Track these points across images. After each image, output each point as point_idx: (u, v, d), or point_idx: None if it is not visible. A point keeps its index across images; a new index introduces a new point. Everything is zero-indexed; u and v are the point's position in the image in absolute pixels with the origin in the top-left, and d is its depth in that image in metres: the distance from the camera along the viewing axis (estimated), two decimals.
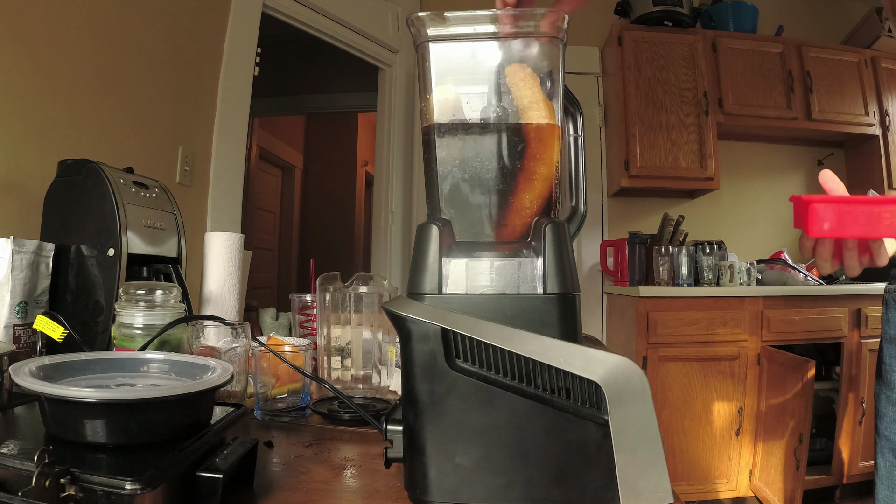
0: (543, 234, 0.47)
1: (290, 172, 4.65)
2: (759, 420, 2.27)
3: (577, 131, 0.61)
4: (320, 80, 3.83)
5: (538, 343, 0.45)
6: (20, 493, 0.36)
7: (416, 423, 0.47)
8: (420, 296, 0.48)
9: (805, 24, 2.99)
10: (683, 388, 2.27)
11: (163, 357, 0.61)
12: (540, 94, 0.51)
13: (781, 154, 2.99)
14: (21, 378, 0.46)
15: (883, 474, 0.70)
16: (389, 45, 2.73)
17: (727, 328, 2.29)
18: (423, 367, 0.47)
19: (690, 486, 2.25)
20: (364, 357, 0.96)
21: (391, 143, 2.79)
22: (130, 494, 0.38)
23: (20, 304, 0.81)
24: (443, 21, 0.51)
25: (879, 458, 0.71)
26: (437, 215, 0.52)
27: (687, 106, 2.63)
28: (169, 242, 1.01)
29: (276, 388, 0.78)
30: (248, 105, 2.04)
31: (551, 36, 0.51)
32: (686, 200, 2.90)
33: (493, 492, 0.46)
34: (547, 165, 0.51)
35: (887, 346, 0.73)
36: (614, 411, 0.43)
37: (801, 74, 2.69)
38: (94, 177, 0.92)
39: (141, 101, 1.57)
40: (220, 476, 0.43)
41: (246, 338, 0.76)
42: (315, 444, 0.67)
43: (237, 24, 1.99)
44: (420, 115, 0.53)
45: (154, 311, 0.73)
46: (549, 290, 0.47)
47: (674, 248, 2.47)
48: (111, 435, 0.44)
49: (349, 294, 0.96)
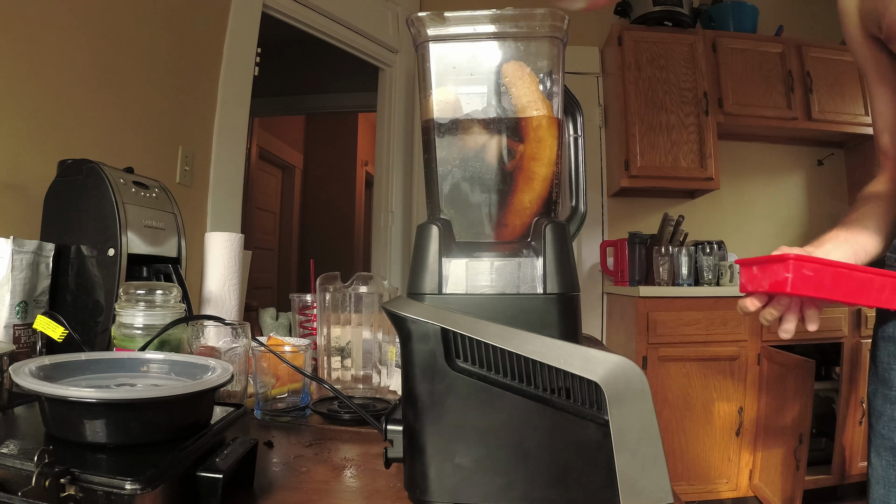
0: (543, 234, 0.47)
1: (290, 172, 4.65)
2: (759, 420, 2.27)
3: (577, 131, 0.61)
4: (320, 80, 3.83)
5: (538, 343, 0.45)
6: (20, 493, 0.36)
7: (416, 423, 0.47)
8: (420, 296, 0.48)
9: (805, 24, 2.99)
10: (683, 388, 2.27)
11: (163, 357, 0.61)
12: (538, 93, 0.51)
13: (781, 154, 2.99)
14: (21, 378, 0.46)
15: (879, 473, 0.70)
16: (389, 45, 2.73)
17: (727, 328, 2.29)
18: (423, 367, 0.47)
19: (690, 486, 2.25)
20: (364, 357, 0.96)
21: (391, 143, 2.79)
22: (130, 494, 0.38)
23: (20, 304, 0.81)
24: (443, 21, 0.51)
25: (874, 457, 0.71)
26: (437, 215, 0.52)
27: (687, 106, 2.63)
28: (169, 242, 1.01)
29: (276, 388, 0.78)
30: (248, 105, 2.04)
31: (551, 36, 0.51)
32: (686, 200, 2.90)
33: (493, 492, 0.46)
34: (547, 165, 0.51)
35: (883, 344, 0.73)
36: (614, 411, 0.43)
37: (801, 74, 2.69)
38: (94, 177, 0.92)
39: (141, 101, 1.57)
40: (220, 476, 0.43)
41: (246, 338, 0.76)
42: (315, 444, 0.67)
43: (237, 24, 1.99)
44: (420, 115, 0.53)
45: (154, 311, 0.73)
46: (549, 290, 0.47)
47: (674, 248, 2.47)
48: (111, 435, 0.44)
49: (349, 294, 0.96)
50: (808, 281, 0.60)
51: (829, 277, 0.61)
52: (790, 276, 0.60)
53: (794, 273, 0.60)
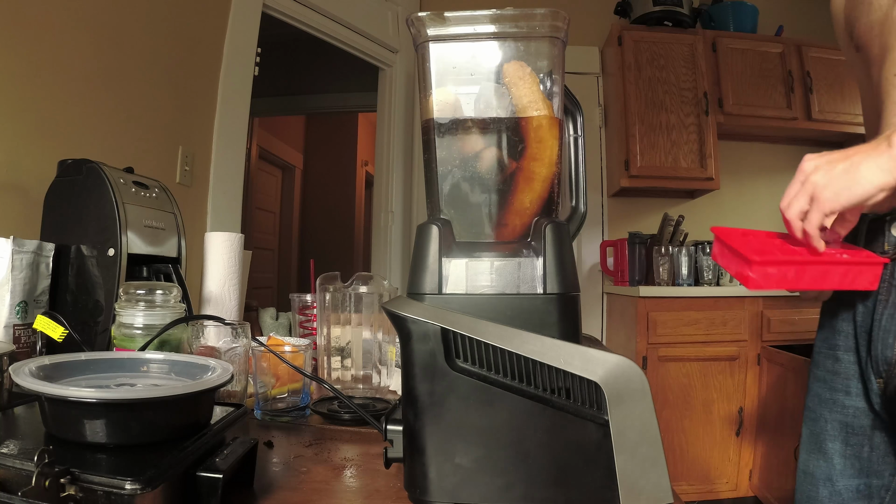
0: (543, 234, 0.47)
1: (290, 172, 4.65)
2: (759, 420, 2.27)
3: (577, 131, 0.61)
4: (320, 80, 3.83)
5: (538, 343, 0.45)
6: (20, 493, 0.36)
7: (416, 423, 0.47)
8: (420, 296, 0.48)
9: (805, 24, 2.99)
10: (683, 388, 2.27)
11: (163, 357, 0.61)
12: (539, 93, 0.51)
13: (781, 154, 2.98)
14: (21, 378, 0.46)
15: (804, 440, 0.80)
16: (389, 45, 2.73)
17: (727, 328, 2.29)
18: (423, 367, 0.47)
19: (690, 486, 2.25)
20: (364, 357, 0.96)
21: (391, 143, 2.79)
22: (130, 494, 0.38)
23: (20, 304, 0.81)
24: (443, 21, 0.51)
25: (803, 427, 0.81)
26: (437, 215, 0.52)
27: (687, 106, 2.63)
28: (169, 242, 1.01)
29: (276, 388, 0.78)
30: (248, 105, 2.04)
31: (551, 36, 0.51)
32: (686, 200, 2.90)
33: (493, 492, 0.46)
34: (547, 165, 0.51)
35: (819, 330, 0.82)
36: (614, 411, 0.43)
37: (801, 74, 2.69)
38: (94, 177, 0.92)
39: (141, 101, 1.57)
40: (220, 476, 0.43)
41: (246, 338, 0.76)
42: (315, 444, 0.67)
43: (237, 24, 1.99)
44: (420, 115, 0.53)
45: (154, 311, 0.73)
46: (549, 290, 0.47)
47: (674, 248, 2.47)
48: (111, 435, 0.44)
49: (349, 294, 0.96)
50: (771, 278, 0.62)
51: (793, 272, 0.63)
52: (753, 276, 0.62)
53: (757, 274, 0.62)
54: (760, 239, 0.69)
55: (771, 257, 0.63)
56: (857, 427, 0.73)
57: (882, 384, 0.70)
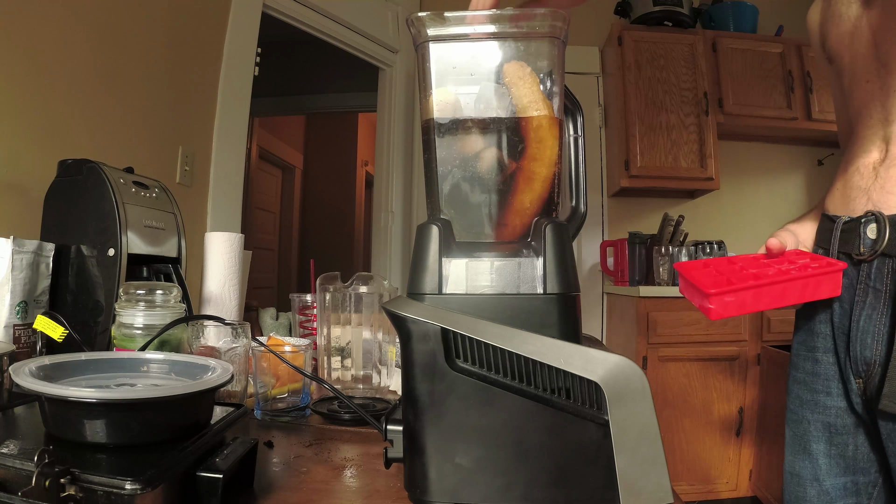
0: (543, 234, 0.47)
1: (290, 172, 4.65)
2: (759, 420, 2.27)
3: (577, 131, 0.61)
4: (320, 80, 3.83)
5: (538, 343, 0.45)
6: (20, 493, 0.36)
7: (416, 423, 0.47)
8: (420, 296, 0.48)
9: (805, 25, 2.99)
10: (683, 388, 2.27)
11: (163, 357, 0.61)
12: (539, 93, 0.51)
13: (781, 154, 2.99)
14: (21, 378, 0.46)
15: (788, 441, 0.81)
16: (389, 45, 2.73)
17: (727, 328, 2.29)
18: (423, 367, 0.47)
19: (690, 486, 2.25)
20: (364, 357, 0.96)
21: (391, 143, 2.79)
22: (130, 494, 0.38)
23: (20, 304, 0.81)
24: (443, 21, 0.51)
25: (786, 429, 0.82)
26: (437, 215, 0.52)
27: (687, 106, 2.63)
28: (169, 242, 1.01)
29: (276, 388, 0.78)
30: (248, 105, 2.04)
31: (551, 36, 0.51)
32: (686, 200, 2.90)
33: (493, 492, 0.46)
34: (547, 165, 0.51)
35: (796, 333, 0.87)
36: (614, 411, 0.43)
37: (801, 74, 2.69)
38: (94, 177, 0.92)
39: (141, 101, 1.57)
40: (220, 476, 0.43)
41: (246, 338, 0.76)
42: (315, 444, 0.67)
43: (237, 24, 1.99)
44: (420, 115, 0.53)
45: (154, 311, 0.73)
46: (549, 290, 0.47)
47: (674, 248, 2.47)
48: (111, 435, 0.44)
49: (349, 294, 0.96)
50: (729, 306, 0.65)
51: (750, 296, 0.65)
52: (712, 307, 0.65)
53: (716, 305, 0.65)
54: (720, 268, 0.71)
55: (727, 287, 0.65)
56: (841, 427, 0.74)
57: (861, 384, 0.71)
